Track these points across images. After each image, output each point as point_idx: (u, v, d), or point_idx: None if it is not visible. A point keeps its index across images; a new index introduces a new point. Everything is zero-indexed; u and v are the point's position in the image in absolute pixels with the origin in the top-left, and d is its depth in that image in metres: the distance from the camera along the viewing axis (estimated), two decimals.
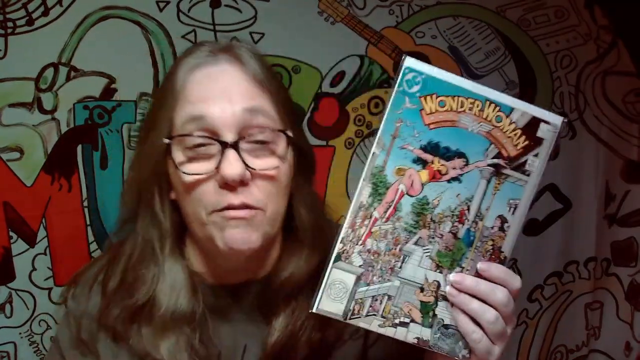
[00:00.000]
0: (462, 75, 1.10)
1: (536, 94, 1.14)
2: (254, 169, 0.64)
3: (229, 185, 0.63)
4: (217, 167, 0.63)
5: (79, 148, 0.99)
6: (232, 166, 0.62)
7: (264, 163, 0.65)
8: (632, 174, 1.18)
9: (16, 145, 0.96)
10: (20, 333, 1.00)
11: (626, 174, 1.19)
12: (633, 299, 1.20)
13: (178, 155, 0.65)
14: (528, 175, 0.58)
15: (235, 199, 0.63)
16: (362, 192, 0.56)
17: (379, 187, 0.56)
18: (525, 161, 0.57)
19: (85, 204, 1.00)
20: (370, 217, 0.57)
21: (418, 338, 0.59)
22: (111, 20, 0.96)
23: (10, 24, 0.93)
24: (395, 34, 1.07)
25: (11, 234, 0.97)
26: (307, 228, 0.71)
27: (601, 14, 1.13)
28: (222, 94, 0.64)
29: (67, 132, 0.97)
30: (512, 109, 0.56)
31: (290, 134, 0.67)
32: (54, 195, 0.98)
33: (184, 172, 0.64)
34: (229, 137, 0.63)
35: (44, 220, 0.98)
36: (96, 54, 0.96)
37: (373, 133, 1.06)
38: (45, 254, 0.99)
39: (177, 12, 0.99)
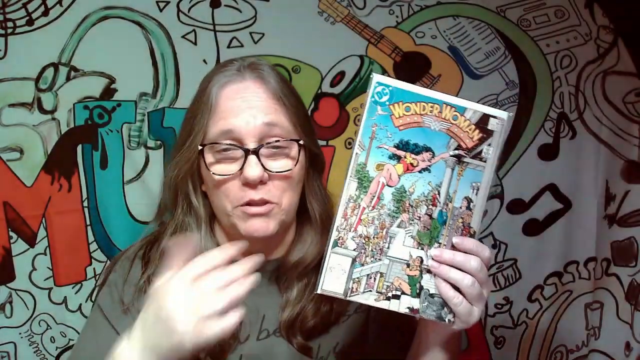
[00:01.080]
0: (462, 75, 1.11)
1: (536, 94, 1.14)
2: (271, 171, 0.77)
3: (250, 184, 0.76)
4: (241, 169, 0.76)
5: (79, 148, 0.99)
6: (253, 169, 0.75)
7: (279, 166, 0.78)
8: (632, 174, 1.18)
9: (16, 145, 0.96)
10: (20, 333, 1.00)
11: (626, 174, 1.19)
12: (633, 299, 1.19)
13: (209, 157, 0.78)
14: (485, 161, 0.69)
15: (255, 195, 0.76)
16: (350, 186, 0.68)
17: (363, 181, 0.68)
18: (481, 150, 0.69)
19: (85, 204, 1.00)
20: (359, 207, 0.68)
21: (409, 308, 0.69)
22: (111, 20, 0.96)
23: (10, 24, 0.93)
24: (395, 34, 1.07)
25: (11, 234, 0.97)
26: (317, 217, 0.84)
27: (601, 14, 1.13)
28: (247, 109, 0.77)
29: (67, 132, 0.98)
30: (465, 109, 0.68)
31: (301, 142, 0.80)
32: (54, 195, 0.98)
33: (214, 173, 0.77)
34: (251, 144, 0.76)
35: (44, 220, 0.98)
36: (96, 54, 0.96)
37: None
38: (45, 254, 0.99)
39: (177, 12, 0.99)
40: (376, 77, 0.67)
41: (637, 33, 1.14)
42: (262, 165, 0.76)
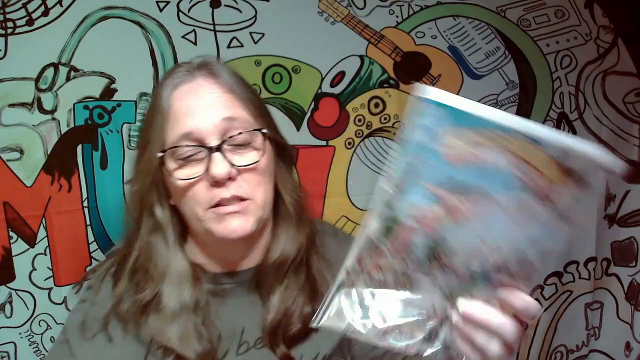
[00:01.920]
0: (462, 75, 1.11)
1: (536, 94, 1.14)
2: (239, 166, 0.74)
3: (218, 183, 0.73)
4: (207, 170, 0.73)
5: (79, 148, 0.99)
6: (218, 166, 0.73)
7: (246, 159, 0.75)
8: (632, 174, 1.18)
9: (16, 145, 0.96)
10: (20, 333, 1.00)
11: (626, 174, 1.19)
12: (633, 299, 1.19)
13: (171, 164, 0.75)
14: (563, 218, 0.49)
15: (226, 192, 0.74)
16: (371, 225, 0.53)
17: (389, 223, 0.52)
18: (557, 202, 0.49)
19: (85, 204, 1.00)
20: (379, 250, 0.53)
21: (417, 350, 0.57)
22: (111, 20, 0.96)
23: (10, 24, 0.93)
24: (395, 34, 1.07)
25: (11, 234, 0.97)
26: (292, 210, 0.82)
27: (601, 14, 1.13)
28: (202, 107, 0.75)
29: (67, 132, 0.98)
30: (545, 142, 0.47)
31: (265, 131, 0.78)
32: (54, 195, 0.98)
33: (178, 178, 0.75)
34: (213, 142, 0.74)
35: (44, 221, 0.98)
36: (96, 54, 0.96)
37: (372, 134, 1.07)
38: (45, 254, 0.99)
39: (177, 12, 0.99)
40: (423, 90, 0.50)
41: (637, 33, 1.14)
42: (228, 161, 0.73)
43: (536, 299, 1.21)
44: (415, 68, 1.09)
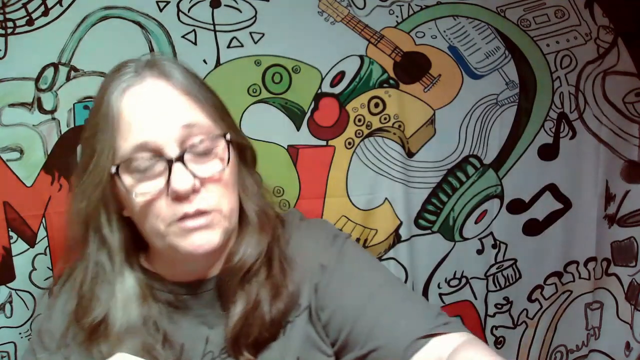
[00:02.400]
0: (462, 75, 1.11)
1: (536, 94, 1.14)
2: (202, 176, 0.69)
3: (181, 197, 0.67)
4: (167, 182, 0.67)
5: (79, 148, 0.99)
6: (181, 179, 0.66)
7: (209, 169, 0.69)
8: (632, 173, 1.18)
9: (16, 145, 0.96)
10: (20, 333, 1.00)
11: (626, 173, 1.19)
12: (633, 299, 1.20)
13: (127, 179, 0.68)
14: None
15: (189, 207, 0.68)
16: None
17: None
18: None
19: None
20: None
21: None
22: (111, 20, 0.96)
23: (10, 24, 0.93)
24: (395, 33, 1.07)
25: (11, 234, 0.97)
26: (254, 216, 0.76)
27: (601, 13, 1.13)
28: (157, 114, 0.68)
29: (67, 132, 0.98)
30: None
31: (228, 137, 0.71)
32: (54, 195, 0.98)
33: (137, 195, 0.68)
34: (173, 152, 0.67)
35: (44, 220, 0.98)
36: (96, 54, 0.96)
37: (372, 134, 1.07)
38: (45, 254, 0.99)
39: (177, 12, 0.99)
40: None
41: (637, 33, 1.14)
42: (190, 172, 0.67)
43: (536, 299, 1.22)
44: (415, 68, 1.09)
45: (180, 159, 0.67)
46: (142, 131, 0.67)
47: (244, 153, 0.78)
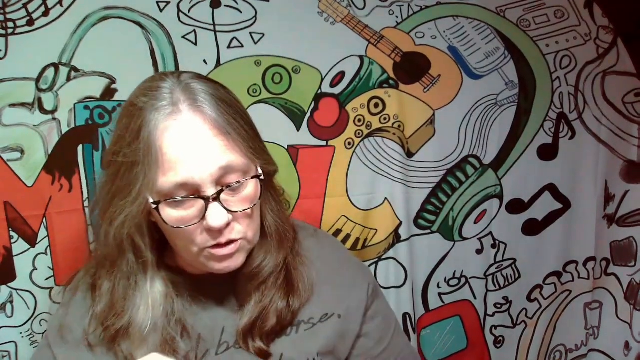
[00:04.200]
0: (462, 75, 1.12)
1: (536, 94, 1.14)
2: (236, 211, 0.74)
3: (215, 231, 0.73)
4: (203, 217, 0.72)
5: (80, 148, 0.99)
6: (217, 217, 0.72)
7: (241, 203, 0.74)
8: (631, 174, 1.19)
9: (17, 146, 0.96)
10: (21, 333, 1.00)
11: (625, 174, 1.19)
12: (632, 298, 1.20)
13: (164, 210, 0.73)
14: None
15: (222, 238, 0.74)
16: None
17: None
18: None
19: (86, 204, 1.00)
20: None
21: None
22: (111, 20, 0.96)
23: (10, 24, 0.93)
24: (395, 34, 1.07)
25: (12, 233, 0.97)
26: (273, 232, 0.82)
27: (601, 14, 1.13)
28: (197, 155, 0.71)
29: (68, 132, 0.98)
30: None
31: (260, 172, 0.76)
32: (54, 195, 0.98)
33: (172, 226, 0.73)
34: (210, 191, 0.72)
35: (44, 220, 0.98)
36: (97, 55, 0.96)
37: (372, 134, 1.07)
38: (46, 253, 0.99)
39: (178, 13, 0.99)
40: None
41: (637, 33, 1.14)
42: (225, 208, 0.72)
43: (535, 299, 1.22)
44: (415, 68, 1.09)
45: (217, 198, 0.72)
46: (182, 171, 0.70)
47: (271, 177, 0.83)
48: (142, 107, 0.72)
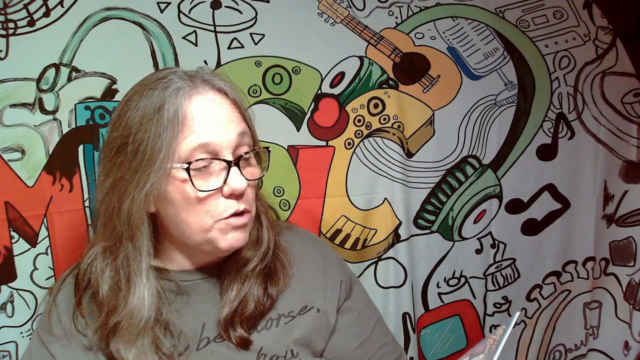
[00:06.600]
0: (461, 76, 1.12)
1: (535, 94, 1.15)
2: (249, 180, 0.78)
3: (233, 195, 0.77)
4: (224, 182, 0.75)
5: (81, 148, 0.99)
6: (239, 180, 0.76)
7: (251, 174, 0.79)
8: (630, 174, 1.19)
9: (18, 146, 0.96)
10: (21, 332, 1.00)
11: (624, 174, 1.19)
12: (631, 298, 1.20)
13: (184, 175, 0.75)
14: None
15: (240, 205, 0.77)
16: None
17: None
18: None
19: (87, 204, 1.00)
20: None
21: None
22: (112, 21, 0.97)
23: (11, 25, 0.93)
24: (394, 34, 1.08)
25: (13, 233, 0.97)
26: (262, 216, 0.86)
27: (600, 14, 1.14)
28: (221, 120, 0.76)
29: (69, 133, 0.98)
30: None
31: (270, 148, 0.82)
32: (55, 195, 0.99)
33: (199, 190, 0.75)
34: (229, 156, 0.76)
35: (45, 220, 0.99)
36: (97, 55, 0.97)
37: (372, 134, 1.07)
38: (46, 253, 1.00)
39: (178, 13, 0.99)
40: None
41: (636, 34, 1.14)
42: (242, 175, 0.77)
43: (535, 299, 1.23)
44: (415, 69, 1.09)
45: (237, 163, 0.76)
46: (207, 133, 0.75)
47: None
48: (159, 88, 0.75)
